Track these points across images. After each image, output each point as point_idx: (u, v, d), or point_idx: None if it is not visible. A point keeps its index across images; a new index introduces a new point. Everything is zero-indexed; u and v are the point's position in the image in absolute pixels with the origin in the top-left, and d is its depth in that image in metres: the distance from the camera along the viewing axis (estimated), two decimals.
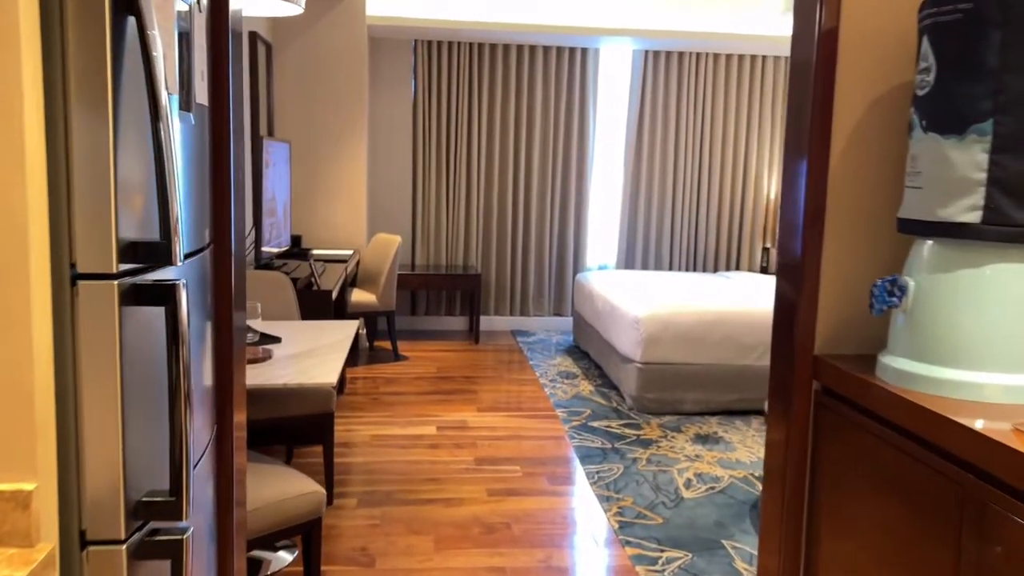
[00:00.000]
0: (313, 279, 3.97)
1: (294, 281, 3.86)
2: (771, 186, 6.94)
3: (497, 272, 6.87)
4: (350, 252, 5.63)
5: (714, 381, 4.59)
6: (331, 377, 2.29)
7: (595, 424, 4.38)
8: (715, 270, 7.02)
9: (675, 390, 4.58)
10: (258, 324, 2.76)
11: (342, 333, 2.92)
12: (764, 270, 6.75)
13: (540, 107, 6.68)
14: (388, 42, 6.55)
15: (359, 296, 5.53)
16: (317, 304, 3.85)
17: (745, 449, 4.05)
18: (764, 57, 6.81)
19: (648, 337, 4.52)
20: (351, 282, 5.91)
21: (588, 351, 5.81)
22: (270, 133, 5.61)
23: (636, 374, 4.57)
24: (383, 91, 6.59)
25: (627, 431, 4.28)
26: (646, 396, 4.57)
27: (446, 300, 6.88)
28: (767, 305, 4.71)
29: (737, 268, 7.01)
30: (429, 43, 6.55)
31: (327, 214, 6.01)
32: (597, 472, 3.69)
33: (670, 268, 6.98)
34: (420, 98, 6.58)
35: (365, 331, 6.16)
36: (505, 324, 6.92)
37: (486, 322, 6.89)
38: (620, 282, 5.53)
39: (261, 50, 5.29)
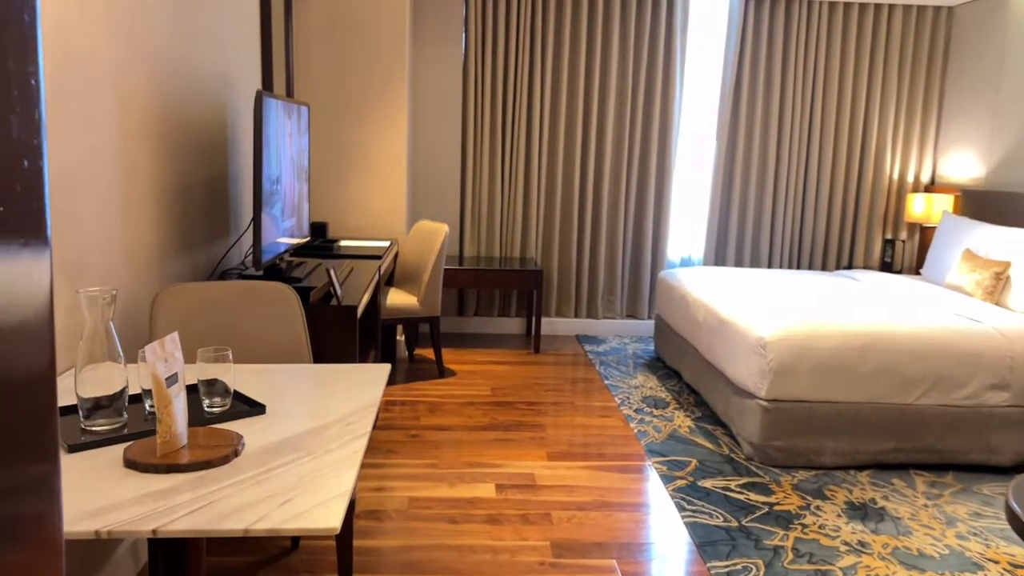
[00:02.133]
0: (333, 292, 2.91)
1: (307, 292, 2.80)
2: (894, 164, 5.71)
3: (560, 266, 5.76)
4: (386, 243, 4.57)
5: (863, 425, 3.45)
6: (333, 521, 1.22)
7: (707, 484, 3.27)
8: (824, 266, 5.82)
9: (811, 436, 3.44)
10: (228, 377, 1.71)
11: (366, 395, 1.86)
12: (887, 266, 5.54)
13: (616, 69, 5.52)
14: None
15: (397, 298, 4.47)
16: (337, 323, 2.80)
17: (923, 532, 2.91)
18: (891, 7, 5.55)
19: (779, 367, 3.39)
20: (387, 280, 4.85)
21: (677, 368, 4.68)
22: (289, 95, 4.56)
23: (759, 415, 3.45)
24: (428, 48, 5.49)
25: (753, 497, 3.16)
26: (772, 444, 3.44)
27: (500, 299, 5.79)
28: (938, 322, 3.54)
29: (850, 264, 5.80)
30: None
31: (358, 197, 4.95)
32: (728, 573, 2.59)
33: (769, 264, 5.80)
34: (472, 57, 5.47)
35: (404, 337, 5.11)
36: (569, 328, 5.82)
37: (547, 325, 5.80)
38: (722, 284, 4.38)
39: None
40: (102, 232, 2.24)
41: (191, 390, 1.85)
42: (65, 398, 1.79)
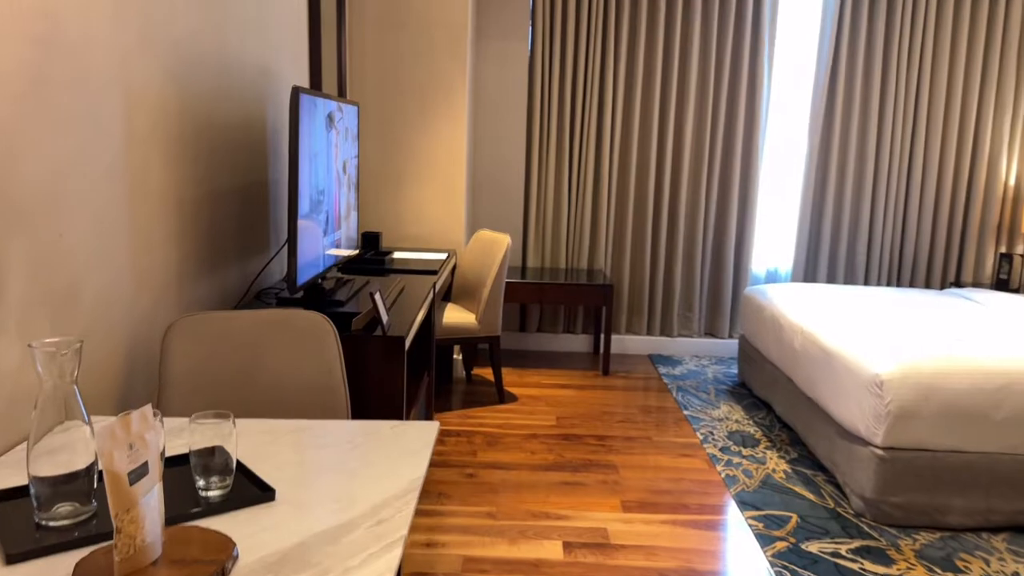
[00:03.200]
0: (378, 320, 2.52)
1: (347, 320, 2.41)
2: (1011, 168, 5.08)
3: (632, 278, 5.29)
4: (443, 256, 4.19)
5: (998, 480, 2.91)
6: None
7: (813, 548, 2.78)
8: (928, 283, 5.23)
9: (936, 492, 2.92)
10: (231, 443, 1.32)
11: (407, 470, 1.45)
12: (1003, 284, 4.93)
13: (697, 64, 5.03)
14: None
15: (453, 315, 4.07)
16: (382, 356, 2.40)
17: None
18: None
19: (898, 410, 2.88)
20: (443, 295, 4.47)
21: (767, 399, 4.18)
22: (340, 94, 4.20)
23: (873, 465, 2.94)
24: (491, 44, 5.09)
25: (869, 566, 2.66)
26: (888, 500, 2.93)
27: (565, 314, 5.35)
28: None
29: (958, 281, 5.19)
30: None
31: (414, 204, 4.57)
32: None
33: (866, 279, 5.23)
34: (539, 54, 5.05)
35: (461, 356, 4.71)
36: (641, 346, 5.35)
37: (617, 343, 5.34)
38: (820, 304, 3.87)
39: None
40: (103, 251, 1.88)
41: (181, 461, 1.46)
42: (16, 478, 1.42)
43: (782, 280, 5.35)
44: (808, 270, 5.27)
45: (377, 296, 2.49)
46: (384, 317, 2.47)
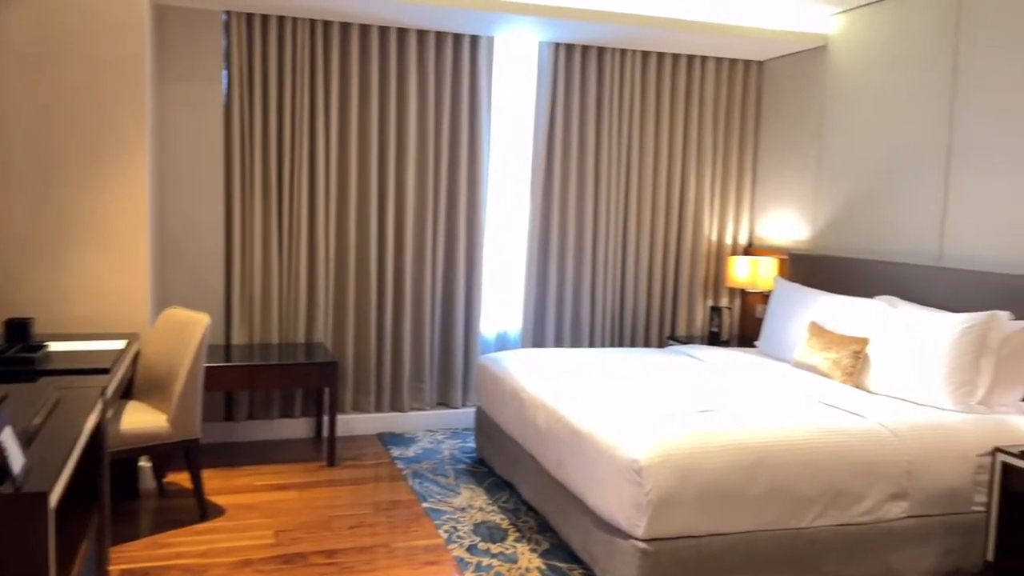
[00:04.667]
0: (6, 470, 1.75)
1: None
2: (712, 225, 5.33)
3: (357, 351, 4.77)
4: (120, 344, 3.37)
5: (757, 559, 2.79)
6: None
7: None
8: (647, 338, 5.30)
9: None
10: None
11: None
12: (715, 337, 5.11)
13: (415, 119, 4.70)
14: (185, 13, 4.33)
15: (138, 418, 3.27)
16: (13, 523, 1.66)
17: None
18: (704, 59, 5.21)
19: (660, 498, 2.65)
20: (123, 393, 3.63)
21: (509, 478, 3.85)
22: None
23: (637, 561, 2.68)
24: (177, 87, 4.35)
25: None
26: None
27: (281, 398, 4.68)
28: (826, 423, 2.98)
29: (673, 334, 5.33)
30: (249, 17, 4.40)
31: (85, 277, 3.69)
32: None
33: (591, 339, 5.17)
34: (236, 100, 4.40)
35: (152, 464, 3.86)
36: (369, 426, 4.82)
37: (343, 424, 4.76)
38: (559, 374, 3.63)
39: None
40: None
41: None
42: None
43: (512, 343, 5.14)
44: (536, 333, 5.11)
45: (4, 436, 1.74)
46: (15, 465, 1.73)
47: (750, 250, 5.36)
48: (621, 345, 5.25)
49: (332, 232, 4.62)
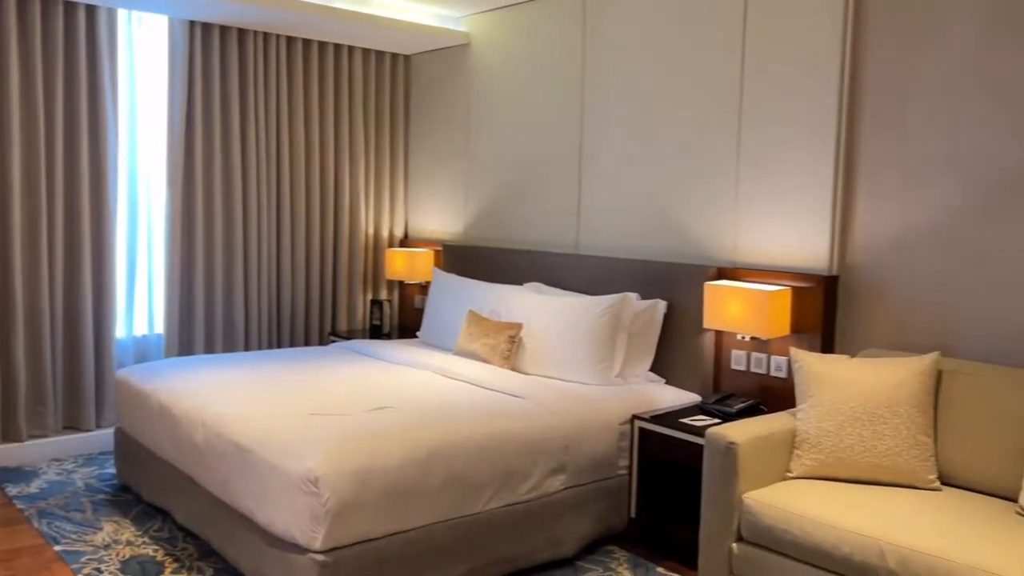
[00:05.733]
0: None
1: None
2: (369, 217, 5.30)
3: None
4: None
5: (436, 552, 2.81)
6: None
7: None
8: (307, 336, 5.11)
9: None
10: None
11: None
12: (377, 330, 5.08)
13: (17, 93, 3.99)
14: None
15: None
16: None
17: None
18: (351, 49, 5.13)
19: (339, 506, 2.54)
20: None
21: (163, 504, 3.45)
22: None
23: (316, 573, 2.54)
24: None
25: None
26: None
27: None
28: (494, 408, 3.08)
29: (334, 330, 5.21)
30: None
31: None
32: None
33: (247, 341, 4.85)
34: None
35: None
36: None
37: None
38: (215, 386, 3.33)
39: None
40: None
41: None
42: None
43: (155, 352, 4.63)
44: (183, 338, 4.66)
45: None
46: None
47: (406, 242, 5.42)
48: (280, 345, 5.00)
49: None
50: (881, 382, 2.68)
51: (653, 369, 3.75)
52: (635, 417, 3.32)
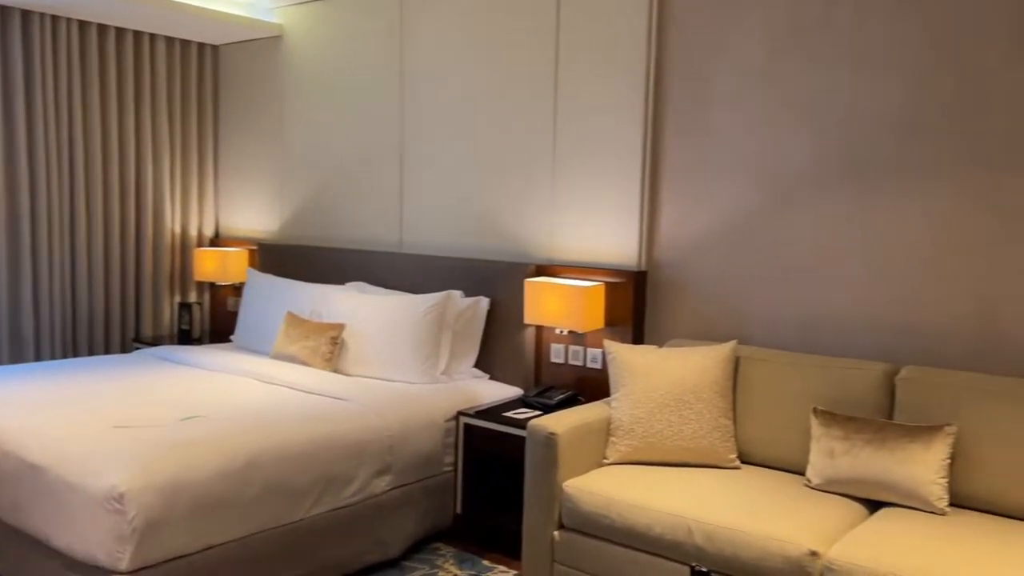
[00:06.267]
0: None
1: None
2: (175, 215, 5.00)
3: None
4: None
5: (256, 563, 2.69)
6: None
7: None
8: (107, 345, 4.75)
9: None
10: None
11: None
12: (186, 335, 4.80)
13: None
14: None
15: None
16: None
17: None
18: (153, 37, 4.82)
19: (146, 523, 2.38)
20: None
21: None
22: None
23: None
24: None
25: None
26: None
27: None
28: (316, 411, 3.00)
29: (138, 336, 4.87)
30: None
31: None
32: None
33: (38, 352, 4.43)
34: None
35: None
36: None
37: None
38: (10, 399, 3.02)
39: None
40: None
41: None
42: None
43: None
44: None
45: None
46: None
47: (217, 241, 5.16)
48: (77, 354, 4.61)
49: None
50: (686, 370, 2.86)
51: (477, 365, 3.80)
52: (460, 413, 3.35)
